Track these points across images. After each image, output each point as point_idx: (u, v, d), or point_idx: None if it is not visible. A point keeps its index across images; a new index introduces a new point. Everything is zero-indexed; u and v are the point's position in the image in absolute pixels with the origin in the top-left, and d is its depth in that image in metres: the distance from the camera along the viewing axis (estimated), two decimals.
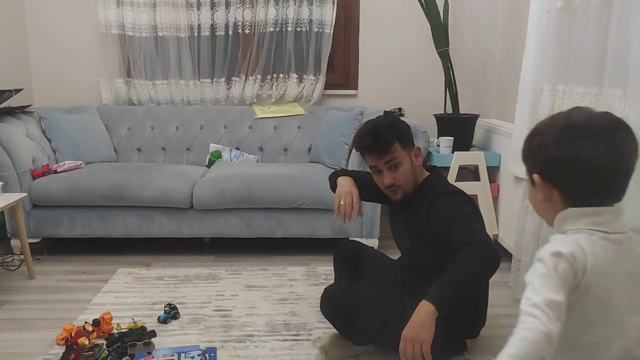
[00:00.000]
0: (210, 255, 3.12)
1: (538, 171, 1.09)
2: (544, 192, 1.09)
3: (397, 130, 1.95)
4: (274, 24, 3.67)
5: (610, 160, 1.01)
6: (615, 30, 1.78)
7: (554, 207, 1.09)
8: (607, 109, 1.81)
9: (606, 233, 1.03)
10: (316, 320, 2.29)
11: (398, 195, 2.00)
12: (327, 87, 3.81)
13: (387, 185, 1.97)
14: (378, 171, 1.98)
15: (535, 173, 1.10)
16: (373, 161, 1.97)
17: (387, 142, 1.92)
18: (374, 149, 1.94)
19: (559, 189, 1.07)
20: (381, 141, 1.92)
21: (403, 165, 1.95)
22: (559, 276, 0.98)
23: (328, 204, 3.00)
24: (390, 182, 1.95)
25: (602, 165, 1.01)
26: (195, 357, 1.91)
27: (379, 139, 1.92)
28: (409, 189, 1.99)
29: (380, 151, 1.93)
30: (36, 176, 3.02)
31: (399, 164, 1.94)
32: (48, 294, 2.60)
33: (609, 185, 1.04)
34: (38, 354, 2.02)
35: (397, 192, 1.99)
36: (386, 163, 1.94)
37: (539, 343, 0.92)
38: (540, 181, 1.09)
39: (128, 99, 3.80)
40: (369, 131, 1.95)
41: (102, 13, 3.63)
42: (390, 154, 1.93)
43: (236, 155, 3.60)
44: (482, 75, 3.71)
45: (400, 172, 1.95)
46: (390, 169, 1.95)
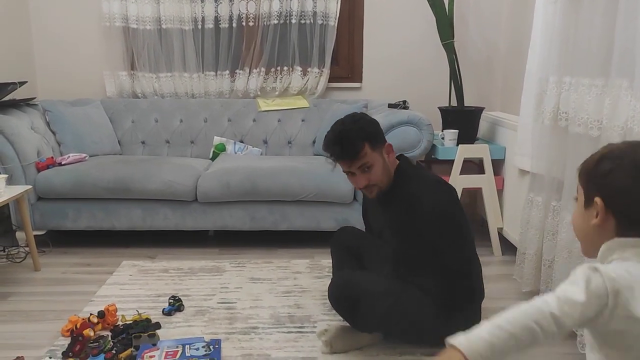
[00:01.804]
0: (215, 248, 3.13)
1: (603, 196, 1.05)
2: (602, 217, 1.06)
3: (364, 134, 1.92)
4: (278, 17, 3.65)
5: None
6: (622, 21, 1.76)
7: (604, 235, 1.07)
8: (614, 101, 1.81)
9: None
10: (320, 312, 2.29)
11: (373, 193, 2.00)
12: (331, 79, 3.79)
13: (362, 186, 1.98)
14: (351, 174, 1.98)
15: (599, 197, 1.06)
16: (345, 167, 1.97)
17: (356, 150, 1.90)
18: (343, 158, 1.93)
19: (618, 218, 1.05)
20: (349, 150, 1.90)
21: (375, 165, 1.94)
22: (589, 288, 0.97)
23: (332, 196, 3.00)
24: (365, 184, 1.96)
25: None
26: (200, 349, 1.91)
27: (347, 148, 1.90)
28: (383, 185, 1.99)
29: (350, 159, 1.92)
30: (41, 169, 3.03)
31: (370, 165, 1.94)
32: (53, 286, 2.62)
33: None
34: (43, 346, 2.03)
35: (373, 191, 1.99)
36: (358, 168, 1.94)
37: (543, 312, 0.98)
38: (602, 207, 1.05)
39: (132, 91, 3.80)
40: (336, 140, 1.92)
41: (105, 5, 3.63)
42: (360, 159, 1.91)
43: (240, 148, 3.60)
44: (487, 67, 3.69)
45: (373, 173, 1.95)
46: (363, 172, 1.94)
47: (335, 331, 2.00)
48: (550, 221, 2.25)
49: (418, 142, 2.97)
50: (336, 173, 3.06)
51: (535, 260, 2.38)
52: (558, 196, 2.21)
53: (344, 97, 3.76)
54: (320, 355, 1.97)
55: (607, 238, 1.06)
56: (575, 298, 0.97)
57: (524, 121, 2.57)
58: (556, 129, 2.19)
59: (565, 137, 2.13)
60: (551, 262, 2.23)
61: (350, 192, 3.00)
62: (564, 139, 2.14)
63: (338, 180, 3.00)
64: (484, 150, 3.03)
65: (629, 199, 1.03)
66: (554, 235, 2.22)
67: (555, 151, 2.20)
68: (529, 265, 2.41)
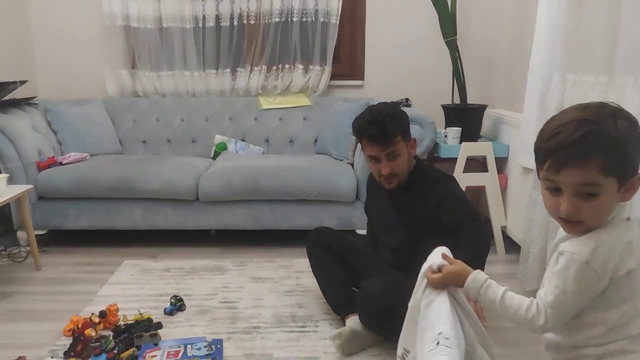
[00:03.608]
0: (216, 247, 3.12)
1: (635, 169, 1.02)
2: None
3: (400, 123, 1.96)
4: (279, 15, 3.64)
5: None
6: (626, 18, 1.75)
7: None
8: (618, 98, 1.79)
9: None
10: (322, 311, 2.28)
11: (393, 184, 2.02)
12: (333, 77, 3.78)
13: (385, 174, 1.98)
14: (375, 159, 1.98)
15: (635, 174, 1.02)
16: (373, 151, 1.97)
17: (392, 135, 1.92)
18: (378, 140, 1.93)
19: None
20: (386, 133, 1.92)
21: (402, 156, 1.98)
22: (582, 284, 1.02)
23: (334, 195, 2.99)
24: (389, 172, 1.97)
25: None
26: (202, 349, 1.91)
27: (384, 131, 1.91)
28: (403, 177, 2.02)
29: (384, 143, 1.93)
30: (42, 168, 3.02)
31: (398, 155, 1.96)
32: (55, 286, 2.61)
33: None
34: (45, 345, 2.03)
35: (393, 181, 2.01)
36: (387, 154, 1.95)
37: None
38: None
39: (133, 90, 3.79)
40: (373, 120, 1.93)
41: (106, 4, 3.61)
42: (393, 145, 1.94)
43: (242, 146, 3.58)
44: (490, 64, 3.67)
45: (398, 163, 1.97)
46: (389, 159, 1.96)
47: (347, 335, 1.96)
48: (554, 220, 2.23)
49: (421, 140, 2.95)
50: (338, 171, 3.07)
51: (539, 259, 2.36)
52: None
53: (345, 95, 3.75)
54: (322, 355, 1.96)
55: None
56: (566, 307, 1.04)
57: (527, 119, 2.55)
58: None
59: None
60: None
61: (353, 190, 2.98)
62: None
63: (340, 179, 3.00)
64: (487, 148, 3.01)
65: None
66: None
67: None
68: (533, 263, 2.40)
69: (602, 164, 0.96)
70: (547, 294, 1.05)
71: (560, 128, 0.99)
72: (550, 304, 1.04)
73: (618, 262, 0.99)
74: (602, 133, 0.96)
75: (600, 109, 1.00)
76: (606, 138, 0.96)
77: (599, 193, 0.98)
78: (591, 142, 0.96)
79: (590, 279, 0.99)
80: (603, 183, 0.97)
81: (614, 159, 0.96)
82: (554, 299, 1.03)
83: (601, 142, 0.96)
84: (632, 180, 0.99)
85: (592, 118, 0.98)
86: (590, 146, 0.96)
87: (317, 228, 2.39)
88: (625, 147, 0.97)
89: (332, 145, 3.39)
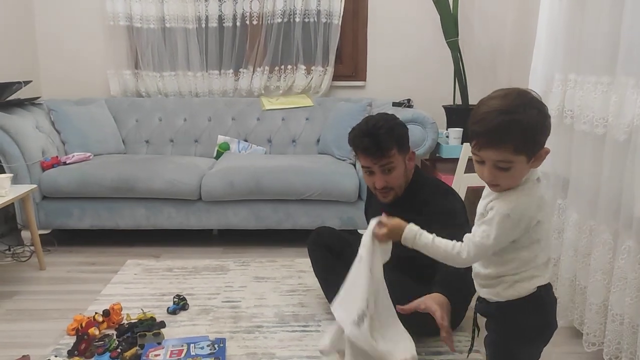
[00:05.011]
0: (219, 247, 3.13)
1: (542, 143, 1.26)
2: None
3: (396, 136, 1.93)
4: (281, 15, 3.65)
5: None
6: (628, 18, 1.75)
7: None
8: (620, 99, 1.80)
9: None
10: (324, 311, 2.29)
11: (389, 198, 1.99)
12: (335, 78, 3.79)
13: (379, 187, 1.95)
14: (370, 172, 1.96)
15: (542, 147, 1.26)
16: (367, 162, 1.94)
17: (386, 148, 1.89)
18: (372, 153, 1.91)
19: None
20: (379, 146, 1.89)
21: (397, 169, 1.94)
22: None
23: (336, 195, 3.00)
24: (383, 185, 1.94)
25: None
26: (205, 348, 1.91)
27: (378, 144, 1.89)
28: (400, 191, 1.99)
29: (377, 155, 1.90)
30: (45, 168, 3.04)
31: (393, 168, 1.93)
32: (58, 285, 2.62)
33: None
34: (49, 344, 2.04)
35: (388, 195, 1.98)
36: (381, 166, 1.92)
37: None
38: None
39: (136, 90, 3.80)
40: (368, 133, 1.90)
41: (109, 5, 3.63)
42: (387, 158, 1.91)
43: (244, 147, 3.59)
44: (492, 65, 3.67)
45: (393, 176, 1.94)
46: (384, 172, 1.93)
47: None
48: (555, 220, 2.24)
49: (422, 141, 2.96)
50: (340, 171, 3.08)
51: None
52: (564, 194, 2.19)
53: (348, 96, 3.76)
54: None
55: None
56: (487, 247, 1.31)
57: None
58: (561, 127, 2.17)
59: (570, 135, 2.12)
60: (557, 260, 2.21)
61: (355, 190, 2.99)
62: (569, 137, 2.13)
63: (342, 179, 3.00)
64: None
65: (549, 132, 1.26)
66: (559, 234, 2.20)
67: (561, 149, 2.19)
68: None
69: (513, 147, 1.21)
70: (475, 236, 1.31)
71: (484, 115, 1.23)
72: (475, 243, 1.31)
73: (531, 215, 1.26)
74: (514, 122, 1.20)
75: (516, 99, 1.23)
76: (517, 126, 1.20)
77: (511, 167, 1.23)
78: (505, 130, 1.20)
79: (509, 228, 1.26)
80: (514, 160, 1.22)
81: (522, 142, 1.21)
82: (479, 240, 1.30)
83: (513, 130, 1.20)
84: (539, 153, 1.24)
85: (508, 109, 1.21)
86: (504, 133, 1.20)
87: (319, 228, 2.39)
88: (533, 132, 1.22)
89: (334, 145, 3.40)
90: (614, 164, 1.81)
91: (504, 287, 1.33)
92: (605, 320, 1.85)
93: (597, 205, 1.90)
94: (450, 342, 1.53)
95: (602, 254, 1.87)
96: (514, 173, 1.24)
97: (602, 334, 1.88)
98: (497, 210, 1.27)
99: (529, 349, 1.38)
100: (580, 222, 2.03)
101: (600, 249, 1.88)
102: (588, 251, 1.97)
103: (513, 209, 1.25)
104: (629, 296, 1.72)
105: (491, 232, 1.27)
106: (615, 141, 1.79)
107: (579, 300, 2.03)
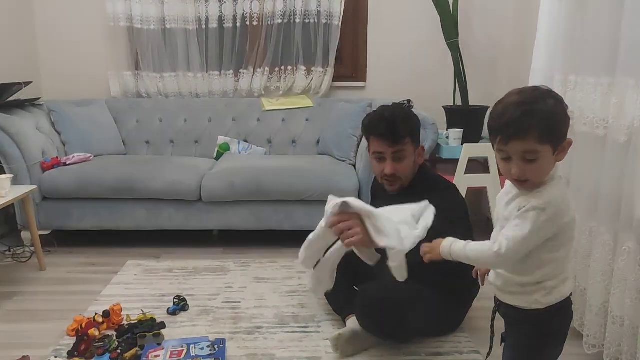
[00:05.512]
0: (219, 248, 3.13)
1: (565, 135, 1.27)
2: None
3: (412, 126, 1.98)
4: (282, 16, 3.65)
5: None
6: (628, 19, 1.75)
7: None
8: (620, 100, 1.79)
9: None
10: (324, 312, 2.29)
11: (395, 187, 2.01)
12: (335, 79, 3.79)
13: (388, 174, 1.97)
14: (381, 158, 1.98)
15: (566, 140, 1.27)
16: (381, 147, 1.97)
17: (401, 134, 1.93)
18: (387, 137, 1.94)
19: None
20: (396, 131, 1.93)
21: (407, 159, 1.97)
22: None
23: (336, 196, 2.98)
24: (392, 172, 1.97)
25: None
26: (205, 349, 1.92)
27: (395, 129, 1.93)
28: (406, 182, 2.02)
29: (392, 140, 1.94)
30: (46, 169, 3.04)
31: (404, 157, 1.96)
32: (58, 286, 2.62)
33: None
34: (49, 345, 2.04)
35: (394, 184, 2.01)
36: (393, 153, 1.95)
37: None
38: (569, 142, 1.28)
39: (136, 91, 3.80)
40: (385, 118, 1.95)
41: (110, 6, 3.63)
42: (401, 145, 1.94)
43: (244, 147, 3.60)
44: (492, 66, 3.68)
45: (403, 165, 1.97)
46: (395, 160, 1.96)
47: (347, 335, 1.96)
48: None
49: (422, 142, 2.95)
50: (340, 172, 3.08)
51: None
52: None
53: (348, 97, 3.76)
54: (325, 355, 1.97)
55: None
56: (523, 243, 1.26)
57: None
58: None
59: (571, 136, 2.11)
60: None
61: (355, 191, 2.99)
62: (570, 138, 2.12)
63: (342, 180, 3.01)
64: (489, 149, 3.00)
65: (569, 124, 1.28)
66: None
67: None
68: None
69: (538, 135, 1.22)
70: (509, 230, 1.28)
71: (504, 110, 1.25)
72: (508, 237, 1.26)
73: (565, 209, 1.26)
74: (536, 110, 1.22)
75: (533, 91, 1.26)
76: (539, 114, 1.21)
77: (538, 158, 1.23)
78: (528, 119, 1.21)
79: (544, 223, 1.23)
80: (540, 150, 1.23)
81: (546, 130, 1.22)
82: (512, 234, 1.26)
83: (535, 117, 1.21)
84: (562, 145, 1.26)
85: (527, 100, 1.24)
86: (528, 122, 1.21)
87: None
88: (555, 120, 1.23)
89: (334, 146, 3.40)
90: (614, 165, 1.81)
91: (542, 294, 1.31)
92: (606, 322, 1.85)
93: (597, 207, 1.90)
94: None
95: (602, 256, 1.87)
96: (542, 165, 1.24)
97: (603, 335, 1.88)
98: (532, 205, 1.24)
99: (557, 350, 1.39)
100: (580, 224, 2.03)
101: (600, 250, 1.88)
102: (588, 253, 1.96)
103: (549, 203, 1.24)
104: (629, 298, 1.72)
105: (525, 225, 1.24)
106: (615, 142, 1.79)
107: (579, 301, 2.03)
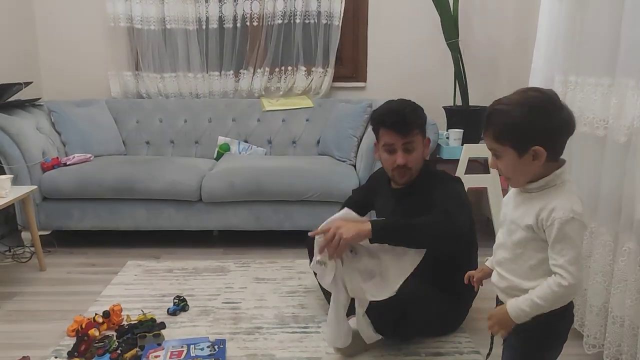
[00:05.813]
0: (219, 248, 3.13)
1: (540, 143, 1.26)
2: (543, 158, 1.26)
3: (420, 117, 2.01)
4: (282, 16, 3.65)
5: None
6: (628, 19, 1.75)
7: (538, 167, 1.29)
8: (620, 100, 1.80)
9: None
10: (324, 312, 2.28)
11: (405, 178, 2.03)
12: (335, 79, 3.79)
13: (400, 164, 1.98)
14: (392, 150, 1.99)
15: (538, 146, 1.25)
16: (391, 139, 1.97)
17: (411, 125, 1.96)
18: (399, 127, 1.95)
19: (548, 152, 1.28)
20: (406, 122, 1.95)
21: (417, 150, 2.00)
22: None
23: (336, 196, 2.99)
24: (403, 163, 1.98)
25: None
26: (205, 349, 1.92)
27: (405, 120, 1.95)
28: (415, 174, 2.03)
29: (403, 131, 1.95)
30: (46, 169, 3.04)
31: (414, 148, 1.98)
32: (58, 286, 2.62)
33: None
34: (49, 345, 2.04)
35: (405, 175, 2.02)
36: (404, 144, 1.97)
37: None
38: (543, 151, 1.26)
39: (137, 92, 3.81)
40: (396, 109, 1.97)
41: (110, 6, 3.64)
42: (412, 136, 1.96)
43: (244, 148, 3.60)
44: (492, 66, 3.68)
45: (413, 156, 1.99)
46: (406, 151, 1.98)
47: None
48: None
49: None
50: (340, 172, 3.08)
51: None
52: None
53: (348, 97, 3.76)
54: (325, 356, 1.97)
55: (539, 168, 1.28)
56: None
57: None
58: None
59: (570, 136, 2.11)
60: None
61: None
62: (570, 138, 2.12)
63: (343, 180, 3.01)
64: None
65: (554, 134, 1.27)
66: None
67: None
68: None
69: (493, 134, 1.28)
70: (559, 258, 1.22)
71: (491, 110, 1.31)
72: (568, 261, 1.21)
73: (584, 209, 1.25)
74: (496, 111, 1.27)
75: (516, 94, 1.29)
76: (499, 115, 1.26)
77: (501, 156, 1.29)
78: (487, 118, 1.29)
79: (580, 228, 1.23)
80: (499, 149, 1.28)
81: (501, 131, 1.26)
82: (566, 258, 1.21)
83: (494, 118, 1.27)
84: (531, 149, 1.24)
85: (500, 100, 1.29)
86: (487, 120, 1.29)
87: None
88: (515, 124, 1.24)
89: (334, 146, 3.40)
90: (614, 165, 1.81)
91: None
92: (606, 322, 1.85)
93: (597, 207, 1.90)
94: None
95: (602, 256, 1.88)
96: (507, 163, 1.28)
97: (603, 336, 1.88)
98: (560, 222, 1.21)
99: (557, 351, 1.41)
100: None
101: (600, 250, 1.88)
102: (588, 253, 1.96)
103: (572, 210, 1.22)
104: (629, 298, 1.72)
105: (570, 243, 1.21)
106: (615, 143, 1.79)
107: (579, 302, 2.03)
